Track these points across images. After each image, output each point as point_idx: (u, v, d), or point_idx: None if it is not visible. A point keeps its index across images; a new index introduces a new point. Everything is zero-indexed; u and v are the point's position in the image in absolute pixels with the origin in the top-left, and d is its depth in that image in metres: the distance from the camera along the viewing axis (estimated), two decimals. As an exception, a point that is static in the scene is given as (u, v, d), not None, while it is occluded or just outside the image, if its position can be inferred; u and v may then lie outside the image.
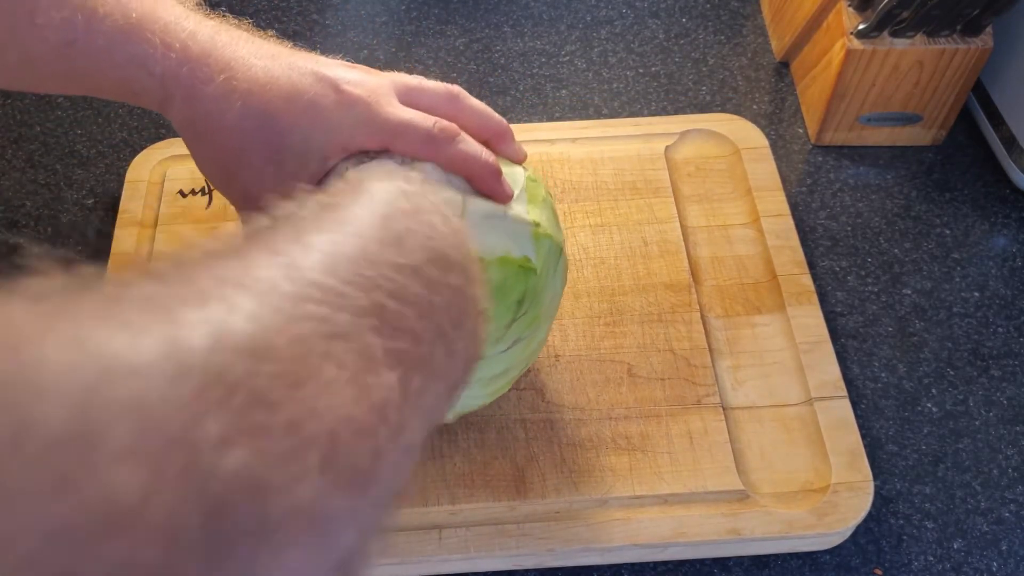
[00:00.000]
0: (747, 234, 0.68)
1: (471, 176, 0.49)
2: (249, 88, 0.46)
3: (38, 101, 0.80)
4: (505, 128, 0.52)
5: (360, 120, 0.47)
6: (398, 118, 0.48)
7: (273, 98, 0.46)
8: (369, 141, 0.48)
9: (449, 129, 0.48)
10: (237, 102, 0.46)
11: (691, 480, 0.56)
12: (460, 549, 0.54)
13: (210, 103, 0.46)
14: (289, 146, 0.47)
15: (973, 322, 0.66)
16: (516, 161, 0.53)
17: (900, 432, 0.61)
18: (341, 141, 0.47)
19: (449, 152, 0.48)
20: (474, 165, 0.49)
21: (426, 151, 0.48)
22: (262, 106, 0.46)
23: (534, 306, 0.49)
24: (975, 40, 0.69)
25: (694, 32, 0.84)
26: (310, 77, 0.47)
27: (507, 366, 0.51)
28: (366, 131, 0.47)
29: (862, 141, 0.76)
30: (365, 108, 0.47)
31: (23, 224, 0.72)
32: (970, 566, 0.56)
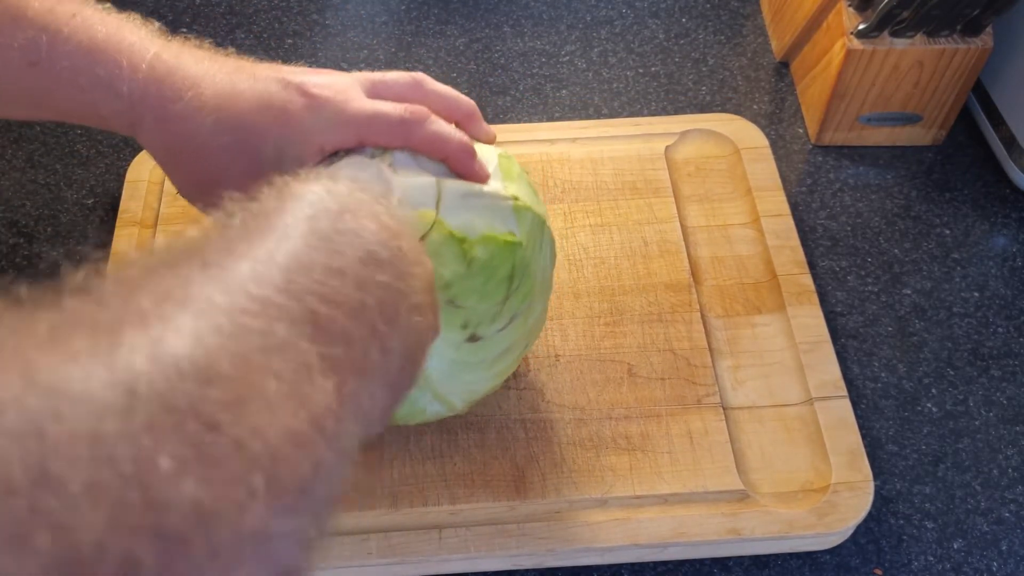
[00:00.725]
0: (747, 234, 0.68)
1: (445, 157, 0.49)
2: (218, 103, 0.46)
3: (38, 101, 0.80)
4: (473, 108, 0.52)
5: (331, 120, 0.47)
6: (367, 110, 0.48)
7: (244, 110, 0.46)
8: (342, 139, 0.48)
9: (418, 112, 0.48)
10: (208, 117, 0.46)
11: (691, 480, 0.56)
12: (460, 549, 0.54)
13: (181, 122, 0.46)
14: (265, 156, 0.47)
15: (973, 322, 0.66)
16: (486, 141, 0.53)
17: (900, 432, 0.61)
18: (316, 143, 0.48)
19: (420, 135, 0.48)
20: (447, 146, 0.49)
21: (398, 137, 0.48)
22: (234, 119, 0.46)
23: (525, 280, 0.49)
24: (975, 40, 0.69)
25: (694, 32, 0.84)
26: (276, 84, 0.48)
27: (508, 344, 0.50)
28: (338, 129, 0.48)
29: (862, 141, 0.76)
30: (334, 107, 0.48)
31: (23, 224, 0.72)
32: (970, 566, 0.56)
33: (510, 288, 0.48)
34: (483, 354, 0.49)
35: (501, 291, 0.48)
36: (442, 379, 0.49)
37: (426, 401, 0.50)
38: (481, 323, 0.48)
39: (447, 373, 0.49)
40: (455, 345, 0.48)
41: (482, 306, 0.47)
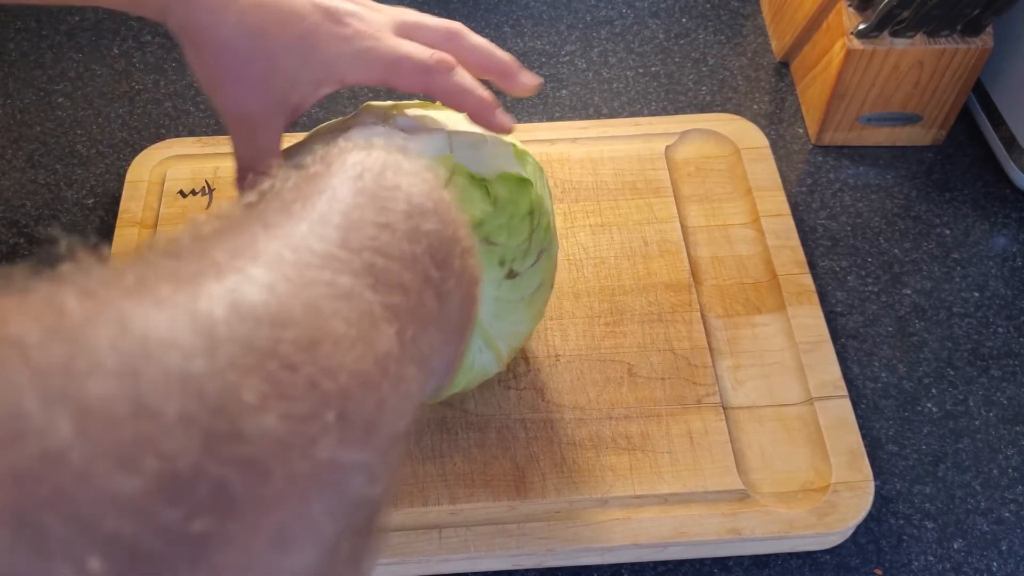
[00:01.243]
0: (747, 234, 0.68)
1: (467, 108, 0.49)
2: (246, 5, 0.46)
3: (38, 101, 0.80)
4: (508, 64, 0.52)
5: (356, 53, 0.48)
6: (394, 51, 0.48)
7: (269, 19, 0.47)
8: (365, 75, 0.48)
9: (445, 60, 0.48)
10: (232, 17, 0.46)
11: (691, 480, 0.56)
12: (460, 549, 0.54)
13: (205, 14, 0.46)
14: (279, 69, 0.47)
15: (973, 322, 0.66)
16: (526, 92, 0.53)
17: (900, 432, 0.61)
18: (337, 73, 0.48)
19: (443, 84, 0.48)
20: (469, 98, 0.49)
21: (419, 83, 0.48)
22: (257, 25, 0.46)
23: (543, 215, 0.51)
24: (975, 40, 0.69)
25: (694, 32, 0.85)
26: (309, 4, 0.48)
27: (540, 280, 0.52)
28: (362, 64, 0.48)
29: (862, 141, 0.76)
30: (361, 41, 0.48)
31: (23, 224, 0.72)
32: (970, 566, 0.56)
33: (532, 223, 0.50)
34: (521, 291, 0.51)
35: (526, 226, 0.50)
36: (490, 320, 0.51)
37: (475, 352, 0.51)
38: (515, 258, 0.50)
39: (493, 314, 0.50)
40: (496, 283, 0.50)
41: (513, 242, 0.49)
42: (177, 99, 0.80)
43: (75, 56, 0.83)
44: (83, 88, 0.81)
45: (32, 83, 0.81)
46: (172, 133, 0.77)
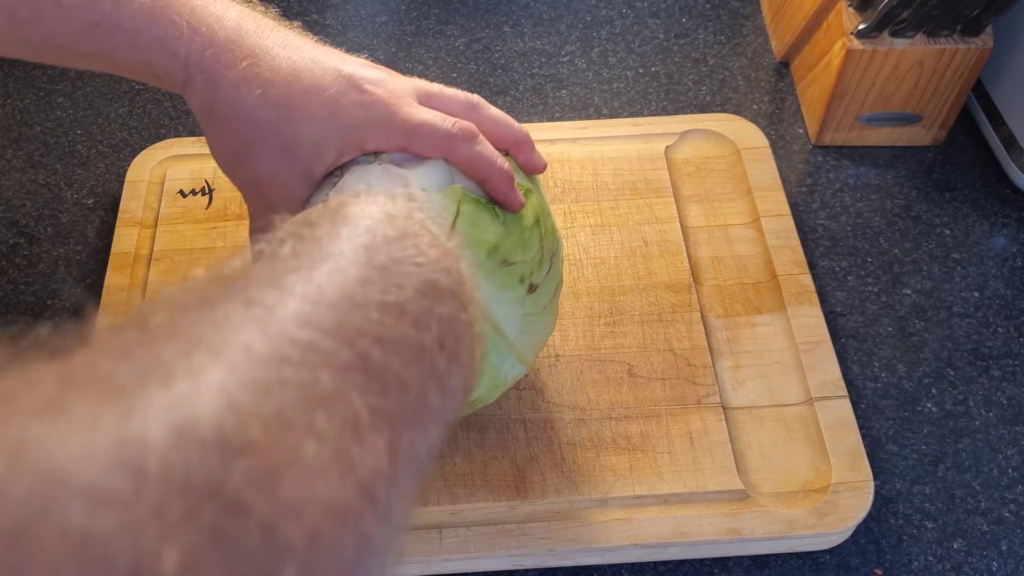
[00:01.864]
0: (747, 234, 0.68)
1: (485, 179, 0.49)
2: (270, 77, 0.46)
3: (38, 101, 0.80)
4: (524, 137, 0.52)
5: (379, 120, 0.47)
6: (417, 118, 0.48)
7: (294, 90, 0.46)
8: (387, 142, 0.48)
9: (468, 129, 0.48)
10: (257, 90, 0.46)
11: (691, 480, 0.56)
12: (460, 549, 0.54)
13: (230, 89, 0.46)
14: (304, 139, 0.47)
15: (973, 322, 0.66)
16: (536, 171, 0.53)
17: (900, 432, 0.61)
18: (358, 140, 0.48)
19: (465, 152, 0.48)
20: (489, 169, 0.49)
21: (442, 151, 0.48)
22: (282, 97, 0.46)
23: (547, 219, 0.52)
24: (975, 40, 0.69)
25: (694, 32, 0.84)
26: (332, 74, 0.47)
27: (555, 284, 0.53)
28: (384, 131, 0.48)
29: (862, 141, 0.76)
30: (385, 108, 0.47)
31: (23, 224, 0.72)
32: (970, 566, 0.56)
33: (541, 232, 0.50)
34: (543, 300, 0.51)
35: (535, 237, 0.50)
36: (520, 338, 0.50)
37: (508, 367, 0.51)
38: (533, 271, 0.50)
39: (521, 330, 0.50)
40: (520, 301, 0.50)
41: (528, 256, 0.49)
42: (177, 99, 0.80)
43: (75, 56, 0.83)
44: (83, 88, 0.81)
45: (32, 83, 0.81)
46: (172, 133, 0.77)
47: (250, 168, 0.48)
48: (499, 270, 0.48)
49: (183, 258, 0.66)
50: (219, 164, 0.50)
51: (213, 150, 0.49)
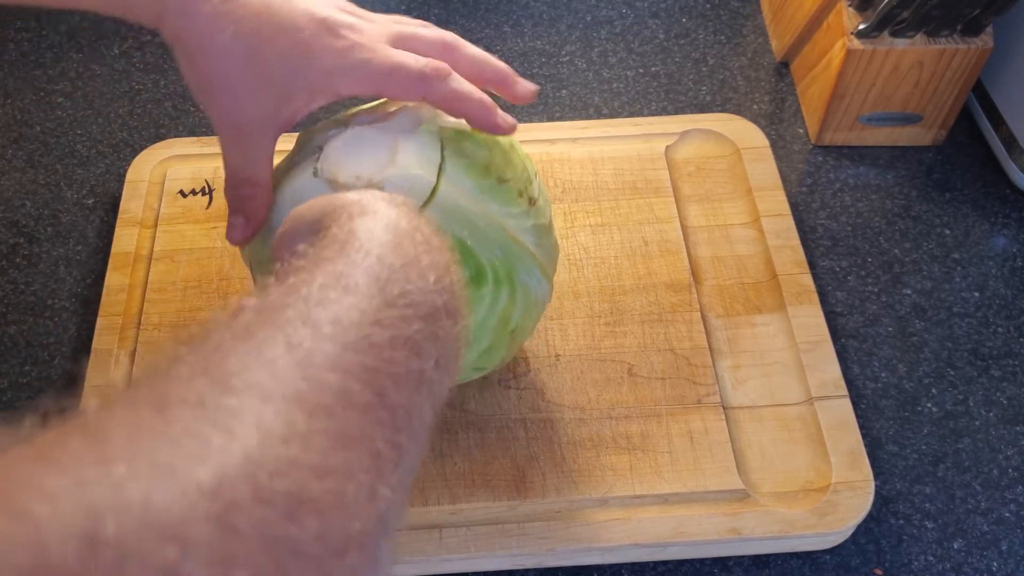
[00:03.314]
0: (747, 234, 0.68)
1: (466, 113, 0.49)
2: (243, 14, 0.46)
3: (38, 101, 0.80)
4: (505, 72, 0.52)
5: (351, 65, 0.48)
6: (389, 62, 0.48)
7: (266, 29, 0.46)
8: (359, 86, 0.48)
9: (440, 68, 0.49)
10: (230, 26, 0.46)
11: (691, 480, 0.56)
12: (460, 549, 0.54)
13: (202, 23, 0.46)
14: (274, 78, 0.47)
15: (973, 322, 0.66)
16: (523, 100, 0.53)
17: (900, 432, 0.61)
18: (331, 85, 0.48)
19: (441, 90, 0.48)
20: (468, 103, 0.49)
21: (416, 92, 0.49)
22: (253, 35, 0.46)
23: (529, 162, 0.54)
24: (975, 40, 0.69)
25: (694, 32, 0.85)
26: (306, 15, 0.48)
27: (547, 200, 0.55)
28: (356, 76, 0.48)
29: (862, 141, 0.76)
30: (357, 53, 0.48)
31: (23, 224, 0.72)
32: (970, 566, 0.56)
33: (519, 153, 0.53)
34: (545, 213, 0.54)
35: (516, 157, 0.53)
36: (537, 249, 0.52)
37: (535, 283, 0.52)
38: (527, 187, 0.52)
39: (537, 242, 0.52)
40: (526, 214, 0.52)
41: (516, 173, 0.52)
42: (177, 99, 0.80)
43: (75, 56, 0.83)
44: (83, 88, 0.81)
45: (32, 83, 0.81)
46: (172, 133, 0.77)
47: (220, 104, 0.48)
48: (499, 187, 0.50)
49: (183, 258, 0.66)
50: (193, 94, 0.50)
51: (187, 82, 0.50)
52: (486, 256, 0.49)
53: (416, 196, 0.48)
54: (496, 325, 0.51)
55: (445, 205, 0.48)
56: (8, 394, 0.63)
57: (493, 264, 0.50)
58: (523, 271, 0.51)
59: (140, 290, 0.65)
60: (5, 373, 0.64)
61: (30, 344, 0.65)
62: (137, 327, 0.63)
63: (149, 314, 0.64)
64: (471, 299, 0.50)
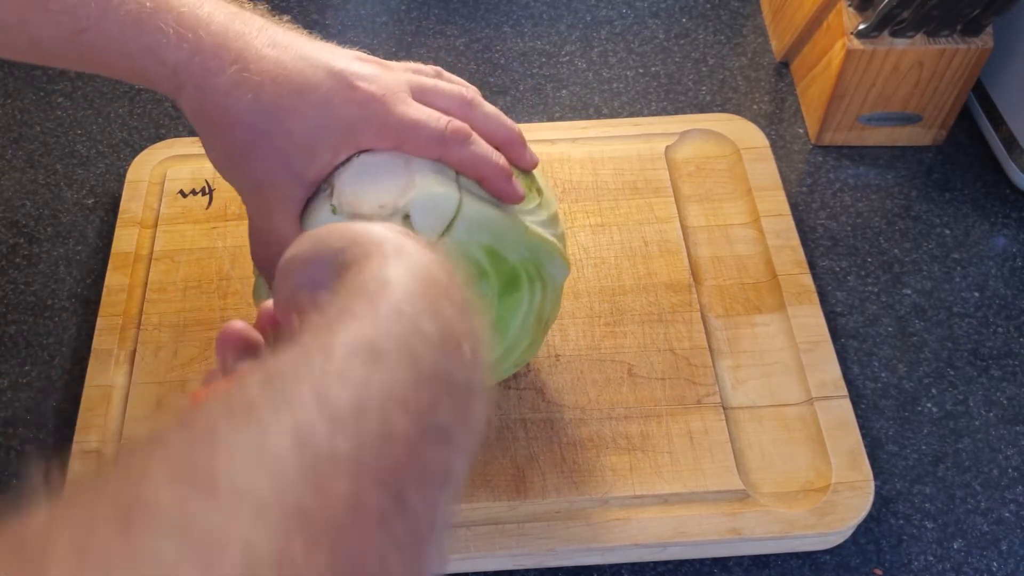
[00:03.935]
0: (747, 234, 0.68)
1: (481, 177, 0.49)
2: (260, 80, 0.46)
3: (38, 101, 0.80)
4: (517, 135, 0.52)
5: (372, 119, 0.47)
6: (410, 118, 0.48)
7: (284, 92, 0.46)
8: (380, 140, 0.48)
9: (461, 131, 0.48)
10: (248, 94, 0.46)
11: (691, 480, 0.56)
12: (460, 549, 0.54)
13: (220, 95, 0.46)
14: (297, 141, 0.47)
15: (973, 322, 0.66)
16: (527, 168, 0.53)
17: (900, 432, 0.61)
18: (352, 139, 0.48)
19: (460, 154, 0.48)
20: (485, 167, 0.49)
21: (435, 151, 0.48)
22: (273, 100, 0.46)
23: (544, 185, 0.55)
24: (975, 40, 0.69)
25: (694, 32, 0.85)
26: (323, 71, 0.47)
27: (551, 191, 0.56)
28: (377, 130, 0.48)
29: (862, 141, 0.76)
30: (378, 107, 0.47)
31: (23, 224, 0.72)
32: (970, 566, 0.56)
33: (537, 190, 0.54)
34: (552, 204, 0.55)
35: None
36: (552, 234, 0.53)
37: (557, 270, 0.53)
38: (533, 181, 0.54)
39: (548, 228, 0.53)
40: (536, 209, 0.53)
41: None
42: (177, 99, 0.80)
43: (75, 56, 0.83)
44: (83, 88, 0.81)
45: (32, 83, 0.81)
46: (172, 133, 0.77)
47: (246, 172, 0.48)
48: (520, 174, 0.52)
49: (183, 258, 0.66)
50: (215, 167, 0.50)
51: (208, 153, 0.49)
52: (516, 258, 0.50)
53: (443, 214, 0.48)
54: (534, 322, 0.52)
55: (470, 217, 0.48)
56: (8, 394, 0.63)
57: (524, 264, 0.50)
58: (548, 263, 0.52)
59: (140, 290, 0.65)
60: (5, 373, 0.64)
61: (30, 344, 0.65)
62: (137, 327, 0.63)
63: (149, 314, 0.64)
64: (510, 305, 0.50)
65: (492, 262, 0.49)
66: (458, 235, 0.48)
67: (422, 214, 0.47)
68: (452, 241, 0.48)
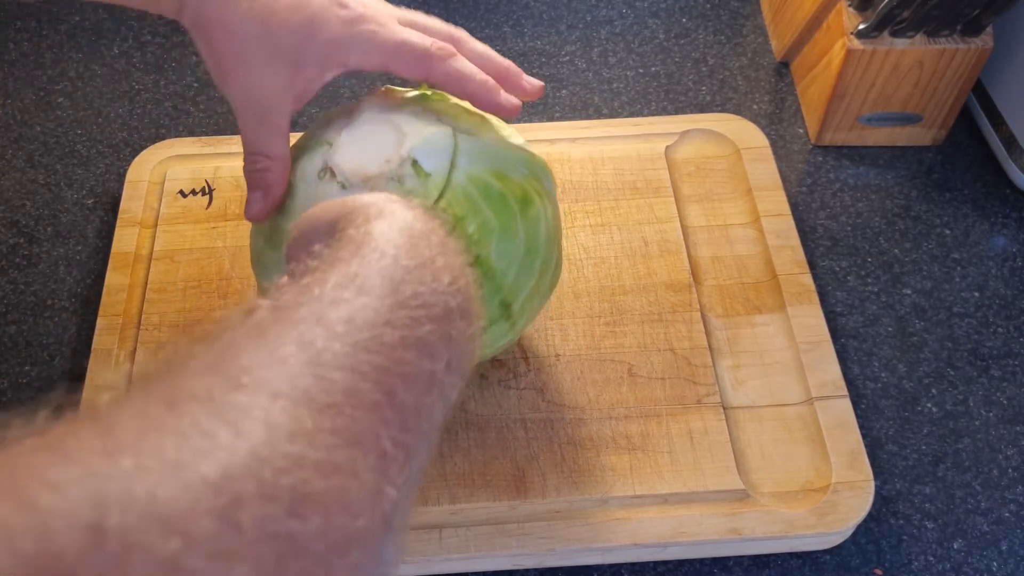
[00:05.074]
0: (747, 234, 0.68)
1: (469, 93, 0.50)
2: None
3: (38, 101, 0.80)
4: (509, 67, 0.53)
5: (360, 37, 0.49)
6: (397, 37, 0.49)
7: (278, 5, 0.48)
8: (366, 59, 0.49)
9: (445, 48, 0.50)
10: (243, 4, 0.48)
11: (691, 480, 0.56)
12: (460, 549, 0.54)
13: (217, 7, 0.48)
14: (285, 52, 0.48)
15: (973, 322, 0.66)
16: (529, 96, 0.54)
17: (900, 432, 0.61)
18: (339, 55, 0.49)
19: (443, 69, 0.50)
20: (471, 82, 0.50)
21: (421, 69, 0.50)
22: (266, 11, 0.48)
23: None
24: (975, 40, 0.69)
25: (694, 32, 0.85)
26: None
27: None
28: (364, 47, 0.49)
29: (862, 141, 0.76)
30: (365, 24, 0.49)
31: (23, 224, 0.72)
32: (970, 566, 0.56)
33: None
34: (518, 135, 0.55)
35: None
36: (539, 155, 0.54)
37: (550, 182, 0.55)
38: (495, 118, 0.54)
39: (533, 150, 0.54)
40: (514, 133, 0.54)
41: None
42: (177, 99, 0.80)
43: (75, 56, 0.83)
44: (83, 88, 0.81)
45: (32, 83, 0.81)
46: (172, 133, 0.77)
47: (237, 80, 0.50)
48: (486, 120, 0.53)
49: (183, 258, 0.66)
50: (214, 79, 0.51)
51: (208, 65, 0.51)
52: (519, 176, 0.51)
53: (444, 149, 0.50)
54: (555, 235, 0.54)
55: (468, 148, 0.50)
56: (8, 394, 0.63)
57: (528, 181, 0.52)
58: (544, 177, 0.54)
59: (140, 290, 0.65)
60: (5, 373, 0.64)
61: (30, 344, 0.65)
62: (137, 327, 0.63)
63: (149, 314, 0.64)
64: (532, 219, 0.51)
65: (504, 184, 0.50)
66: (464, 166, 0.49)
67: (426, 155, 0.49)
68: (463, 174, 0.49)
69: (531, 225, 0.51)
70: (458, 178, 0.49)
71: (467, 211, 0.49)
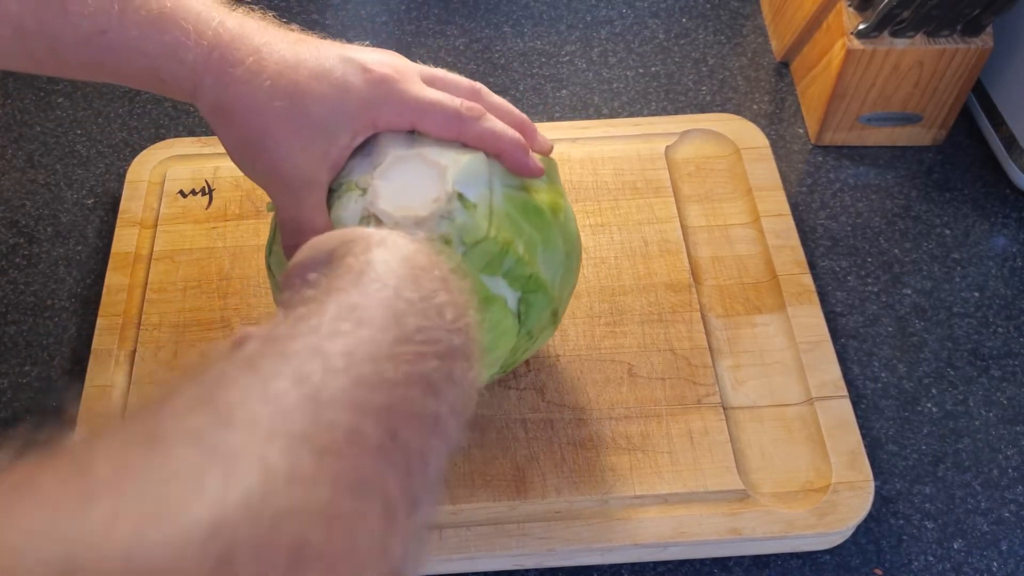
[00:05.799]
0: (747, 234, 0.68)
1: (499, 152, 0.50)
2: (278, 68, 0.47)
3: (38, 101, 0.80)
4: (525, 123, 0.53)
5: (388, 97, 0.48)
6: (426, 97, 0.49)
7: (301, 76, 0.47)
8: (396, 118, 0.49)
9: (475, 108, 0.50)
10: (266, 81, 0.46)
11: (691, 480, 0.56)
12: (461, 549, 0.54)
13: (239, 85, 0.47)
14: (316, 123, 0.48)
15: (973, 322, 0.66)
16: (543, 152, 0.54)
17: (900, 432, 0.61)
18: (369, 117, 0.48)
19: (476, 129, 0.49)
20: (501, 142, 0.50)
21: (452, 129, 0.49)
22: (291, 84, 0.47)
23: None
24: (975, 40, 0.69)
25: (694, 32, 0.85)
26: (337, 58, 0.48)
27: None
28: (394, 108, 0.48)
29: (862, 141, 0.76)
30: (393, 85, 0.48)
31: (23, 224, 0.72)
32: (970, 566, 0.56)
33: None
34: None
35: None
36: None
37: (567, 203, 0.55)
38: None
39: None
40: None
41: None
42: (177, 99, 0.80)
43: (75, 56, 0.83)
44: (83, 88, 0.81)
45: (32, 83, 0.81)
46: (172, 133, 0.77)
47: (267, 159, 0.49)
48: None
49: (183, 258, 0.66)
50: (236, 162, 0.50)
51: (229, 149, 0.50)
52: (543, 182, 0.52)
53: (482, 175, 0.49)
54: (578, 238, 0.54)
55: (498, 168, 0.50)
56: (8, 394, 0.63)
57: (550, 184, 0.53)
58: (554, 171, 0.55)
59: (140, 290, 0.65)
60: (5, 373, 0.64)
61: (30, 344, 0.65)
62: (137, 327, 0.63)
63: (149, 314, 0.64)
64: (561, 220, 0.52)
65: (535, 195, 0.51)
66: (499, 188, 0.49)
67: (468, 186, 0.49)
68: (500, 197, 0.49)
69: (564, 229, 0.52)
70: (497, 201, 0.49)
71: (513, 233, 0.49)
